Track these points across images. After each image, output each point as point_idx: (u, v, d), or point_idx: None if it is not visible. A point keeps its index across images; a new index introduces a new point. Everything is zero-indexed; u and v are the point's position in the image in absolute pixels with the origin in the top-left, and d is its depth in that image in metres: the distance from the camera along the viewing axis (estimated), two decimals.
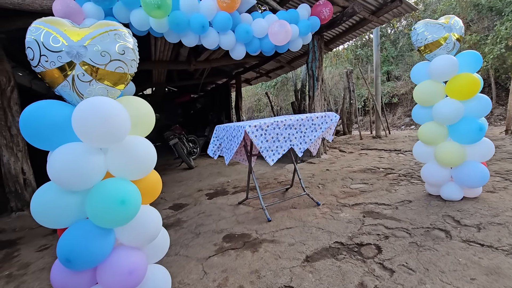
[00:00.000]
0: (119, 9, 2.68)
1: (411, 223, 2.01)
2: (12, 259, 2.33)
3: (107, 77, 1.12)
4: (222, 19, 2.91)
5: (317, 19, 3.66)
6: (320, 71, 5.06)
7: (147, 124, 1.29)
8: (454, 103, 2.11)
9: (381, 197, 2.67)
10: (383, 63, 19.62)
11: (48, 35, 1.03)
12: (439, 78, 2.16)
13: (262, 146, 2.16)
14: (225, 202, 3.13)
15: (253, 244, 2.02)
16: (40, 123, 1.04)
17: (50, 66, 1.05)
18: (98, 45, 1.08)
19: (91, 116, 0.99)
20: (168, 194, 3.84)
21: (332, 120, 2.48)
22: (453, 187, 2.26)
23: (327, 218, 2.32)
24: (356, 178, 3.48)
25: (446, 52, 2.16)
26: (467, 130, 2.09)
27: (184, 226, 2.58)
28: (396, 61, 20.38)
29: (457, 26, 2.15)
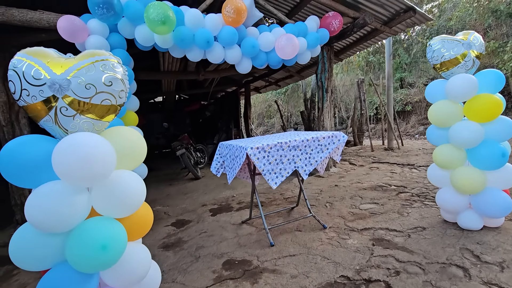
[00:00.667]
0: (124, 25, 2.67)
1: (425, 257, 1.85)
2: (11, 277, 2.31)
3: (92, 110, 1.05)
4: (228, 33, 2.85)
5: (326, 32, 3.56)
6: (329, 82, 4.93)
7: (137, 156, 1.21)
8: (473, 126, 1.95)
9: (392, 221, 2.51)
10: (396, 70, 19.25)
11: (30, 68, 0.98)
12: (457, 98, 2.00)
13: (264, 169, 2.05)
14: (228, 220, 3.03)
15: (254, 274, 1.91)
16: (19, 162, 0.98)
17: (32, 101, 0.99)
18: (83, 77, 1.01)
19: (70, 157, 0.92)
20: (172, 208, 3.78)
21: (339, 140, 2.35)
22: (472, 215, 2.08)
23: (333, 245, 2.18)
24: (366, 196, 3.32)
25: (464, 70, 2.01)
26: (488, 155, 1.92)
27: (185, 247, 2.49)
28: (409, 68, 19.98)
29: (476, 43, 2.00)
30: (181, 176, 6.35)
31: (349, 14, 4.05)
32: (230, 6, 2.73)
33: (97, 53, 1.09)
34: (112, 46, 2.71)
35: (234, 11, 2.74)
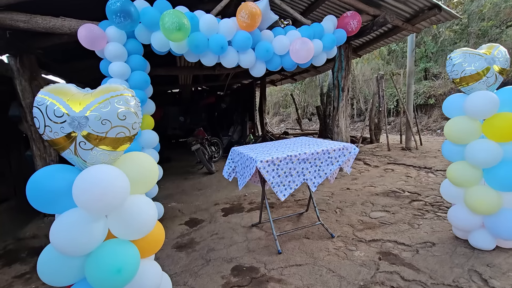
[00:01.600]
0: (141, 31, 2.73)
1: (431, 276, 1.85)
2: None
3: (108, 143, 1.13)
4: (242, 38, 2.85)
5: (344, 32, 3.47)
6: (346, 81, 4.82)
7: (149, 181, 1.29)
8: (491, 146, 1.88)
9: (401, 233, 2.50)
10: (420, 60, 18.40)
11: (52, 106, 1.05)
12: (475, 116, 1.93)
13: (273, 182, 2.10)
14: (239, 222, 3.13)
15: (260, 282, 1.99)
16: (44, 190, 1.07)
17: (54, 136, 1.07)
18: (99, 113, 1.08)
19: (88, 194, 1.00)
20: (186, 205, 3.93)
21: (350, 153, 2.34)
22: (485, 235, 2.04)
23: (340, 256, 2.22)
24: (377, 203, 3.30)
25: (485, 86, 1.92)
26: (506, 176, 1.86)
27: (197, 248, 2.61)
28: (435, 57, 19.03)
29: (501, 58, 1.90)
30: (196, 169, 6.52)
31: (369, 11, 3.91)
32: (244, 11, 2.71)
33: (112, 88, 1.15)
34: (129, 52, 2.78)
35: (248, 16, 2.72)
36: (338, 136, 4.90)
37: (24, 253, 2.89)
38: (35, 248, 2.97)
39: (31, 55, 3.33)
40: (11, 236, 3.32)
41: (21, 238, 3.22)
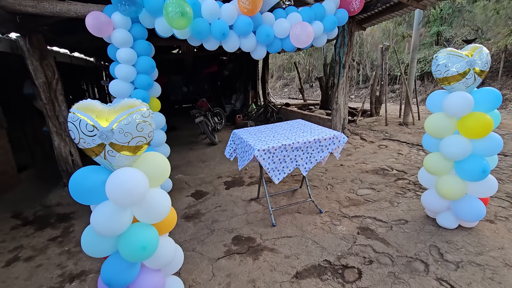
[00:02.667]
0: (145, 17, 2.81)
1: (398, 250, 2.22)
2: (69, 234, 2.96)
3: (129, 150, 1.38)
4: (243, 24, 2.93)
5: (345, 13, 3.49)
6: (347, 57, 4.85)
7: (163, 176, 1.57)
8: (463, 142, 2.11)
9: (381, 210, 2.85)
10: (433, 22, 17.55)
11: (84, 122, 1.29)
12: (452, 114, 2.13)
13: (269, 168, 2.38)
14: (240, 196, 3.49)
15: (256, 251, 2.39)
16: (82, 187, 1.36)
17: (88, 146, 1.33)
18: (122, 128, 1.32)
19: (117, 192, 1.29)
20: (192, 177, 4.29)
21: (340, 141, 2.59)
22: (449, 216, 2.37)
23: (324, 230, 2.59)
24: (365, 180, 3.63)
25: (464, 87, 2.09)
26: (471, 170, 2.12)
27: (202, 219, 3.01)
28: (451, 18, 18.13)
29: (481, 61, 2.04)
30: (199, 139, 6.84)
31: None
32: None
33: (131, 105, 1.37)
34: (134, 37, 2.89)
35: (250, 2, 2.77)
36: (336, 112, 5.08)
37: (52, 219, 3.33)
38: (61, 215, 3.40)
39: (39, 34, 3.43)
40: (38, 203, 3.75)
41: (48, 205, 3.64)
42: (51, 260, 2.52)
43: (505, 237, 2.24)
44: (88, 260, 2.46)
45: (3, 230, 3.13)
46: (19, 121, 4.86)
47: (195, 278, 2.12)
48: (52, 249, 2.71)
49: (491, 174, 2.23)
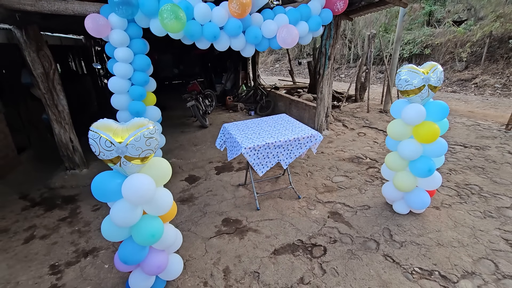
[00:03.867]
0: (141, 18, 2.99)
1: (358, 232, 2.72)
2: (77, 215, 3.33)
3: (139, 160, 1.73)
4: (233, 26, 3.15)
5: (330, 13, 3.72)
6: (333, 49, 5.10)
7: (166, 178, 1.93)
8: (415, 146, 2.53)
9: (350, 197, 3.33)
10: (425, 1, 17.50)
11: (103, 140, 1.61)
12: (408, 122, 2.53)
13: (254, 162, 2.77)
14: (229, 181, 3.90)
15: (242, 231, 2.84)
16: (103, 190, 1.72)
17: (107, 157, 1.66)
18: (134, 144, 1.65)
19: (131, 194, 1.65)
20: (185, 161, 4.66)
21: (316, 139, 2.97)
22: (402, 204, 2.87)
23: (301, 214, 3.06)
24: (341, 168, 4.09)
25: (420, 99, 2.47)
26: (420, 168, 2.57)
27: (196, 203, 3.43)
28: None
29: (434, 78, 2.40)
30: (191, 121, 7.11)
31: None
32: (235, 2, 2.95)
33: (141, 124, 1.68)
34: (130, 36, 3.08)
35: (239, 7, 2.97)
36: (321, 101, 5.41)
37: (58, 200, 3.68)
38: (66, 197, 3.74)
39: (34, 25, 3.53)
40: (42, 184, 4.07)
41: (52, 187, 3.97)
42: (64, 238, 2.91)
43: (443, 222, 2.76)
44: (97, 238, 2.86)
45: (14, 211, 3.47)
46: (14, 104, 4.99)
47: (191, 254, 2.57)
48: (64, 228, 3.09)
49: (443, 168, 2.69)
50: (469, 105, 7.82)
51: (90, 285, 2.29)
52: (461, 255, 2.34)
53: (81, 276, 2.39)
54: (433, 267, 2.25)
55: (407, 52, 14.87)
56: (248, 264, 2.41)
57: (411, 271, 2.22)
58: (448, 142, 4.72)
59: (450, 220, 2.78)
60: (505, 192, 3.19)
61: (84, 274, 2.42)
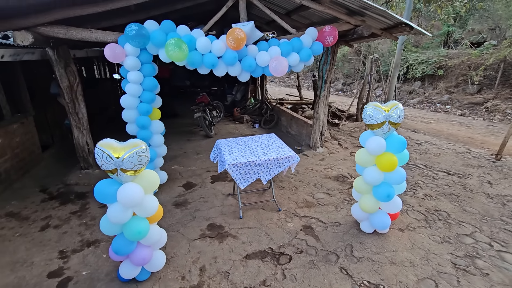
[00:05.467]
0: (151, 47, 3.51)
1: (323, 245, 3.06)
2: (86, 210, 3.86)
3: (132, 172, 2.19)
4: (230, 56, 3.61)
5: (321, 45, 4.11)
6: (329, 74, 5.48)
7: (153, 187, 2.38)
8: (376, 173, 2.87)
9: (326, 213, 3.66)
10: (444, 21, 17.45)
11: (105, 155, 2.08)
12: (371, 153, 2.87)
13: (236, 177, 3.18)
14: (221, 190, 4.33)
15: (222, 236, 3.25)
16: (102, 194, 2.19)
17: (107, 169, 2.13)
18: (129, 160, 2.12)
19: (124, 200, 2.11)
20: (185, 169, 5.13)
21: (294, 160, 3.36)
22: (367, 224, 3.18)
23: (277, 225, 3.43)
24: (325, 185, 4.42)
25: (382, 133, 2.81)
26: (381, 193, 2.89)
27: (188, 207, 3.87)
28: (466, 16, 18.03)
29: (395, 116, 2.74)
30: (198, 130, 7.64)
31: (350, 21, 4.42)
32: (231, 37, 3.41)
33: (134, 144, 2.15)
34: (142, 61, 3.60)
35: (235, 41, 3.43)
36: (316, 121, 5.77)
37: (72, 196, 4.23)
38: (79, 193, 4.29)
39: (64, 45, 4.15)
40: (59, 180, 4.65)
41: (68, 184, 4.54)
42: (73, 229, 3.43)
43: (402, 243, 3.05)
44: (100, 232, 3.33)
45: (35, 202, 4.05)
46: (42, 109, 5.68)
47: (176, 252, 3.00)
48: (74, 220, 3.61)
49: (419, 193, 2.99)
50: (471, 130, 7.90)
51: (89, 270, 2.76)
52: (408, 274, 2.63)
53: (83, 262, 2.87)
54: (380, 281, 2.55)
55: (420, 72, 14.91)
56: (221, 265, 2.80)
57: (360, 284, 2.54)
58: (433, 168, 4.96)
59: (409, 242, 3.06)
60: (469, 221, 3.42)
61: (85, 260, 2.90)
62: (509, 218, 3.45)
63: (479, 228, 3.28)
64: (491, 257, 2.82)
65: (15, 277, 2.68)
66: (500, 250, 2.92)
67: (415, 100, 14.18)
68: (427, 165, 5.09)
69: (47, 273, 2.73)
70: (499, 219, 3.44)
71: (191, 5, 4.78)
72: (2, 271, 2.75)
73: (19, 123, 4.75)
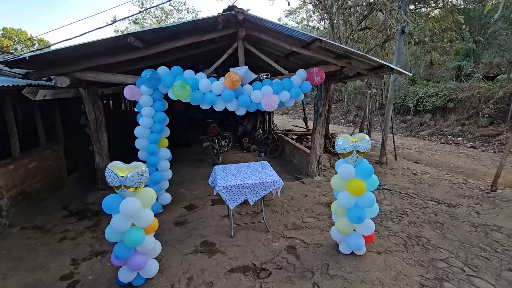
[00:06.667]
0: (162, 88, 4.22)
1: (302, 263, 3.33)
2: (99, 225, 4.38)
3: (133, 188, 2.71)
4: (227, 95, 4.23)
5: (309, 84, 4.67)
6: (324, 108, 5.99)
7: (151, 202, 2.88)
8: (348, 197, 3.20)
9: (311, 235, 3.94)
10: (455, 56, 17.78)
11: (113, 174, 2.64)
12: (342, 178, 3.24)
13: (226, 198, 3.63)
14: (219, 212, 4.74)
15: (213, 252, 3.61)
16: (108, 206, 2.71)
17: (113, 185, 2.67)
18: (131, 178, 2.65)
19: (125, 212, 2.61)
20: (191, 192, 5.63)
21: (279, 184, 3.77)
22: (344, 246, 3.44)
23: (263, 244, 3.75)
24: (316, 210, 4.70)
25: (352, 161, 3.20)
26: (352, 216, 3.20)
27: (187, 226, 4.29)
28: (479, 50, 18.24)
29: (362, 146, 3.13)
30: (207, 158, 8.22)
31: (337, 64, 5.00)
32: (228, 79, 4.06)
33: (136, 166, 2.70)
34: (154, 99, 4.31)
35: (230, 82, 4.07)
36: (313, 151, 6.18)
37: (88, 213, 4.80)
38: (94, 211, 4.86)
39: (94, 86, 5.00)
40: (80, 200, 5.28)
41: (86, 203, 5.15)
42: (86, 241, 3.93)
43: (376, 264, 3.25)
44: (108, 244, 3.82)
45: (57, 217, 4.65)
46: (71, 136, 6.56)
47: (170, 264, 3.39)
48: (87, 234, 4.13)
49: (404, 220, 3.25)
50: (476, 162, 7.91)
51: (95, 276, 3.21)
52: None
53: (90, 268, 3.33)
54: None
55: (430, 105, 15.06)
56: (207, 276, 3.15)
57: None
58: (425, 197, 5.12)
59: (383, 264, 3.27)
60: (447, 247, 3.56)
61: (92, 267, 3.35)
62: (487, 245, 3.56)
63: (455, 254, 3.42)
64: (460, 280, 2.97)
65: (33, 278, 3.17)
66: (471, 274, 3.05)
67: (426, 132, 14.19)
68: (419, 194, 5.25)
69: (60, 276, 3.20)
70: (477, 246, 3.56)
71: (200, 52, 5.60)
72: (24, 274, 3.26)
73: (51, 149, 5.55)
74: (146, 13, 27.30)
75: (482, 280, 2.96)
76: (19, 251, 3.69)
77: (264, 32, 4.60)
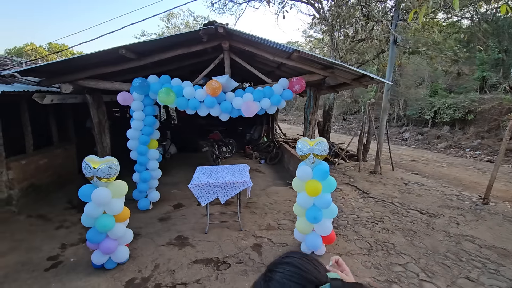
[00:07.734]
0: (151, 94, 4.68)
1: (261, 260, 3.50)
2: None
3: (105, 179, 3.09)
4: (209, 101, 4.59)
5: (290, 92, 4.92)
6: (313, 116, 6.14)
7: (122, 193, 3.25)
8: (305, 198, 3.37)
9: (281, 236, 4.10)
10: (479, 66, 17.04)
11: (87, 166, 3.05)
12: (300, 179, 3.41)
13: (197, 195, 3.92)
14: (202, 211, 5.03)
15: (184, 245, 3.89)
16: (83, 194, 3.12)
17: (87, 176, 3.08)
18: (102, 170, 3.04)
19: (96, 200, 3.00)
20: (182, 192, 5.99)
21: (248, 184, 4.00)
22: (305, 246, 3.57)
23: (233, 241, 3.97)
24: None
25: (310, 163, 3.37)
26: (310, 215, 3.34)
27: (168, 222, 4.63)
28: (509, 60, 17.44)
29: (318, 149, 3.31)
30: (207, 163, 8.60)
31: (320, 73, 5.19)
32: (208, 87, 4.43)
33: (108, 160, 3.09)
34: (145, 104, 4.78)
35: (211, 90, 4.43)
36: None
37: None
38: None
39: (98, 92, 5.60)
40: None
41: None
42: (77, 230, 4.38)
43: None
44: None
45: (59, 209, 5.20)
46: (82, 137, 7.26)
47: (143, 253, 3.71)
48: (80, 224, 4.58)
49: (377, 227, 3.37)
50: (483, 176, 7.57)
51: (76, 258, 3.61)
52: None
53: (75, 253, 3.75)
54: None
55: (448, 117, 14.48)
56: (172, 265, 3.43)
57: None
58: (408, 207, 5.06)
59: None
60: (411, 253, 3.56)
61: (77, 252, 3.77)
62: (453, 254, 3.51)
63: (416, 260, 3.42)
64: (410, 284, 2.99)
65: (26, 257, 3.64)
66: (424, 279, 3.06)
67: (442, 145, 13.62)
68: (403, 203, 5.19)
69: (47, 257, 3.65)
70: (443, 254, 3.52)
71: (197, 62, 6.06)
72: (20, 253, 3.74)
73: (63, 148, 6.22)
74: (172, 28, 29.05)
75: (434, 285, 2.96)
76: (21, 234, 4.22)
77: (248, 44, 4.95)
